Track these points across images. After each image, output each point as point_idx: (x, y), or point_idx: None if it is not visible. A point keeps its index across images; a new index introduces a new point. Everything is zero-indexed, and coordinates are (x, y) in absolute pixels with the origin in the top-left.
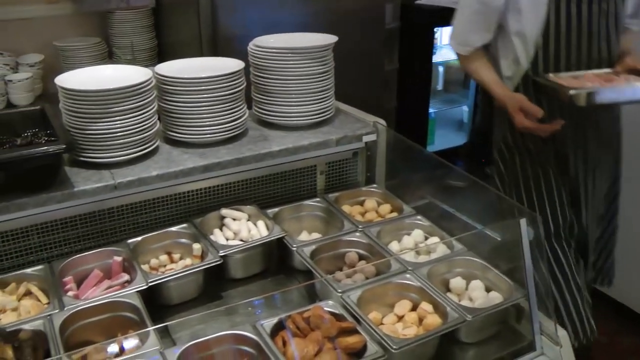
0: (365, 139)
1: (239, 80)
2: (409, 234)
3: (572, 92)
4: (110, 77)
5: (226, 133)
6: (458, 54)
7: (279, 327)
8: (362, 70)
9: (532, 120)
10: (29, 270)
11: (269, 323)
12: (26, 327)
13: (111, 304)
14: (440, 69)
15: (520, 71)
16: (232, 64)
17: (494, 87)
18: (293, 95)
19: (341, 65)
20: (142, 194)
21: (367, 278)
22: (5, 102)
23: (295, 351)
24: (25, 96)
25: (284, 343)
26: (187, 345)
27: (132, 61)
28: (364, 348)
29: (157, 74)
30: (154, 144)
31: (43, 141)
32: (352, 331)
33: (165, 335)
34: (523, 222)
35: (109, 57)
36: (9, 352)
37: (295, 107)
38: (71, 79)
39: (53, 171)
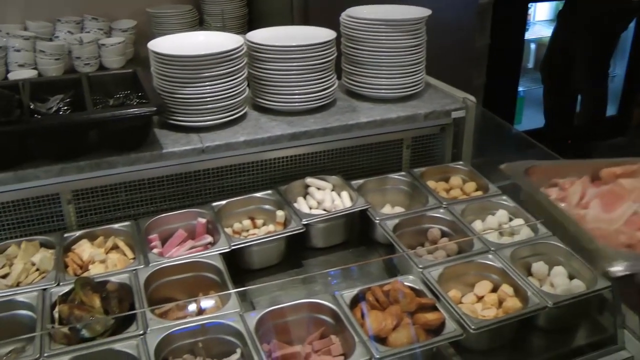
0: (454, 115)
1: (330, 50)
2: (493, 214)
3: None
4: (202, 43)
5: (315, 102)
6: None
7: (358, 299)
8: (453, 45)
9: None
10: (116, 226)
11: (348, 294)
12: (113, 279)
13: (194, 264)
14: (532, 46)
15: None
16: (323, 34)
17: None
18: (383, 68)
19: (432, 38)
20: (229, 158)
21: (448, 255)
22: (97, 64)
23: (373, 324)
24: (116, 59)
25: (363, 315)
26: (266, 311)
27: (222, 29)
28: (442, 325)
29: (248, 41)
30: (242, 110)
31: (134, 103)
32: (431, 308)
33: (244, 298)
34: None
35: (200, 24)
36: (97, 301)
37: (384, 80)
38: (164, 44)
39: (143, 132)
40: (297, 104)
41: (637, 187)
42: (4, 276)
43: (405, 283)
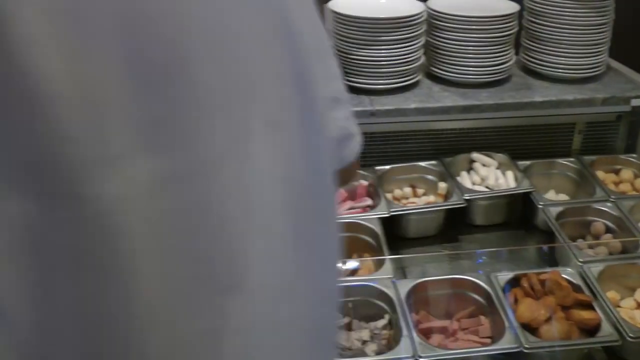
0: (634, 102)
1: (512, 23)
2: None
3: None
4: (383, 7)
5: (490, 76)
6: None
7: (513, 283)
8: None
9: None
10: None
11: (503, 276)
12: None
13: (352, 224)
14: None
15: None
16: (505, 6)
17: None
18: (564, 45)
19: (620, 17)
20: (397, 124)
21: (610, 253)
22: None
23: (526, 312)
24: None
25: (516, 300)
26: (419, 281)
27: None
28: (597, 327)
29: (429, 8)
30: (415, 77)
31: None
32: (588, 306)
33: (396, 265)
34: None
35: None
36: None
37: (564, 58)
38: (344, 4)
39: None
40: (471, 76)
41: None
42: None
43: (563, 275)
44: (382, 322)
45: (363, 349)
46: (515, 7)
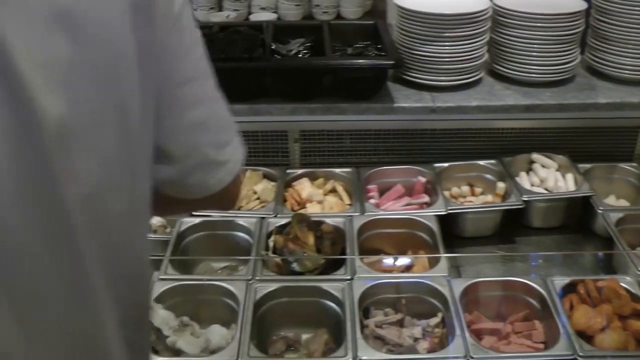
0: None
1: (579, 21)
2: None
3: None
4: (448, 3)
5: (554, 75)
6: None
7: (568, 289)
8: None
9: None
10: (337, 170)
11: (560, 281)
12: (328, 221)
13: (409, 220)
14: None
15: None
16: (572, 3)
17: None
18: (631, 46)
19: None
20: (458, 122)
21: None
22: (335, 14)
23: (581, 319)
24: (355, 10)
25: (571, 307)
26: (474, 281)
27: None
28: None
29: (495, 4)
30: (478, 74)
31: (373, 54)
32: None
33: (451, 264)
34: None
35: None
36: (311, 239)
37: (630, 59)
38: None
39: (377, 84)
40: (535, 75)
41: None
42: None
43: (621, 284)
44: (434, 320)
45: (414, 346)
46: (582, 5)
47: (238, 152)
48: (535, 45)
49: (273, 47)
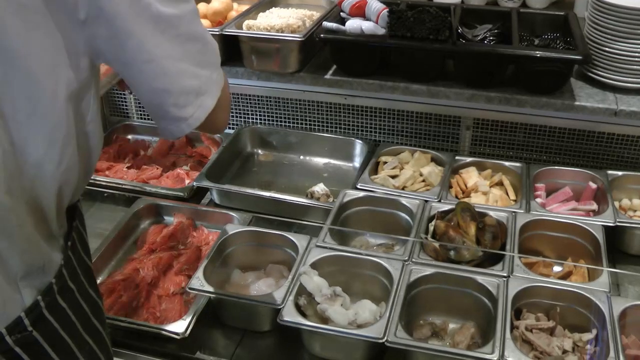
0: None
1: None
2: None
3: None
4: None
5: None
6: None
7: None
8: None
9: None
10: (506, 164)
11: None
12: (492, 214)
13: (574, 226)
14: None
15: None
16: None
17: None
18: None
19: None
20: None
21: None
22: (520, 2)
23: None
24: (542, 0)
25: None
26: (636, 303)
27: None
28: None
29: None
30: None
31: (560, 47)
32: None
33: (612, 280)
34: None
35: None
36: (473, 230)
37: None
38: None
39: (561, 79)
40: None
41: None
42: (394, 177)
43: None
44: (588, 336)
45: (563, 358)
46: None
47: (200, 110)
48: None
49: (459, 30)
